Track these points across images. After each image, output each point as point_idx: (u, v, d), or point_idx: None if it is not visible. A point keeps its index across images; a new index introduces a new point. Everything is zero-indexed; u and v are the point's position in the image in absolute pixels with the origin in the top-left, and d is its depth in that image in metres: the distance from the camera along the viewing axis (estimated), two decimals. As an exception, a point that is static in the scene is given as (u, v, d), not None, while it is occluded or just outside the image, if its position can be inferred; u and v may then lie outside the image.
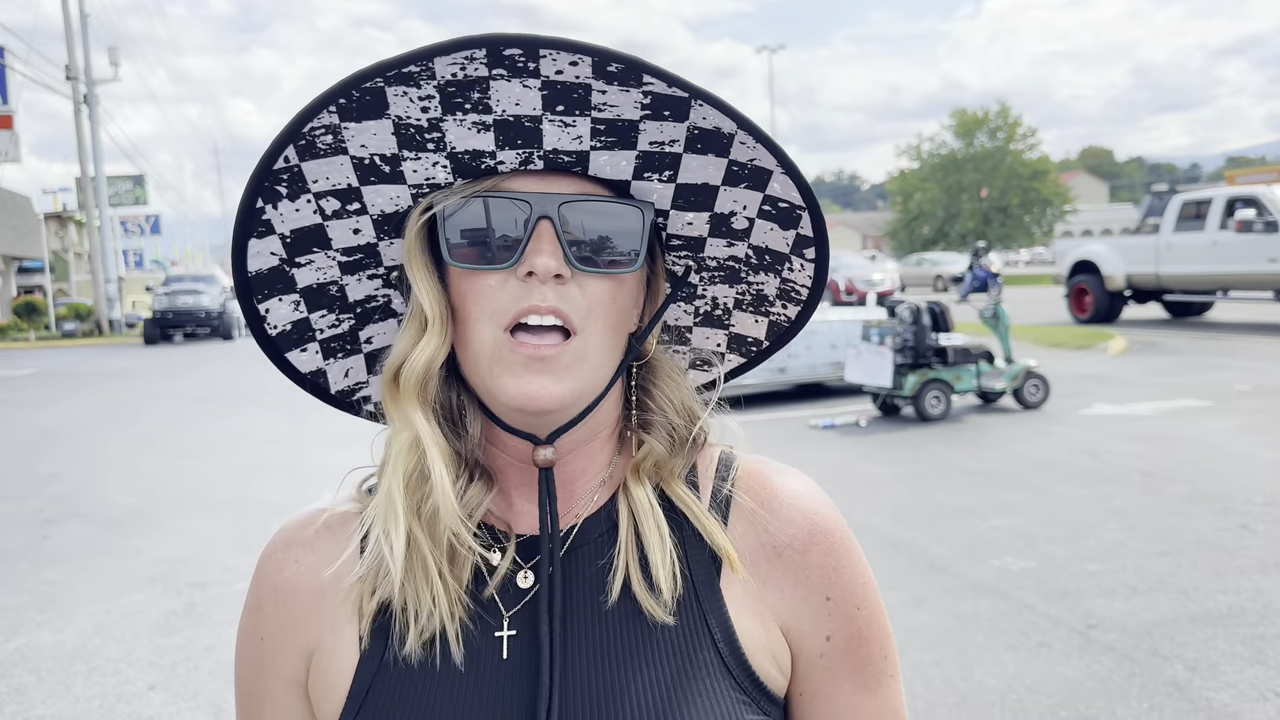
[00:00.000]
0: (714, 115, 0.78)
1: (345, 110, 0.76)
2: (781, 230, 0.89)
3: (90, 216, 35.14)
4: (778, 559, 0.88)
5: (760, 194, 0.86)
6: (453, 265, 0.82)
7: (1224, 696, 3.84)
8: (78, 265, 48.03)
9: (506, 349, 0.80)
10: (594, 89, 0.75)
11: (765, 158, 0.81)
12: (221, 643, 4.80)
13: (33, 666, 4.64)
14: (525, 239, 0.79)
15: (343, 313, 0.91)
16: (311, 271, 0.87)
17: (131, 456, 10.26)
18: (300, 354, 0.92)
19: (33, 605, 5.52)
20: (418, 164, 0.80)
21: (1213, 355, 14.36)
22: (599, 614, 0.85)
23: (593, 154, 0.80)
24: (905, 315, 10.45)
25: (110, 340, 31.93)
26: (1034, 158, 56.70)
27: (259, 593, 0.92)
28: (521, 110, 0.77)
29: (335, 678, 0.86)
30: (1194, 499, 6.68)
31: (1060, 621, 4.65)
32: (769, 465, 0.94)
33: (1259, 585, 5.00)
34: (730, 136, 0.80)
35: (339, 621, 0.87)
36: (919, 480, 7.70)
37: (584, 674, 0.82)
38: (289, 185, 0.81)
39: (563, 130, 0.78)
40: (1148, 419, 9.80)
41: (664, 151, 0.81)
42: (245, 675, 0.93)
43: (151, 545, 6.66)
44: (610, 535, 0.87)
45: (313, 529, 0.92)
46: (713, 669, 0.83)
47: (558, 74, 0.74)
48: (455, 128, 0.78)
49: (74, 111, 34.46)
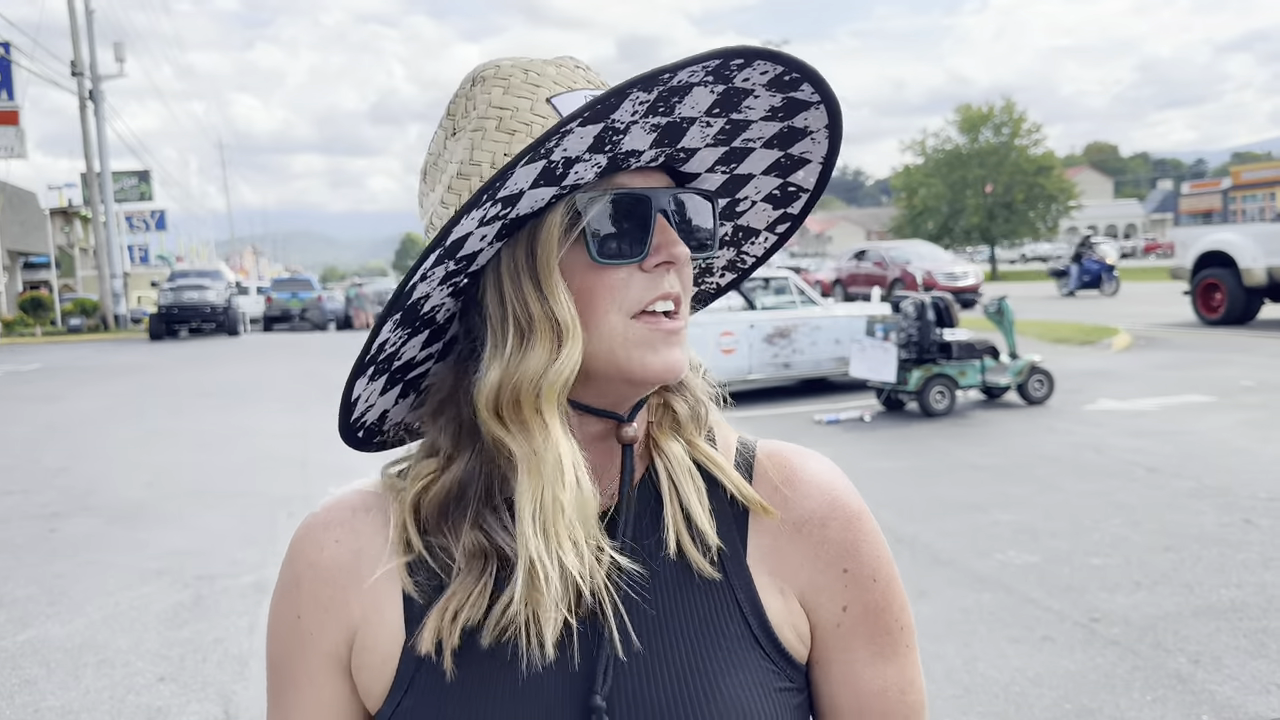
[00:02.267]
0: (815, 117, 0.85)
1: (597, 113, 0.75)
2: (772, 210, 0.96)
3: (96, 212, 35.19)
4: (797, 533, 0.91)
5: (781, 180, 0.93)
6: (599, 263, 0.82)
7: (1227, 690, 3.85)
8: (83, 261, 48.13)
9: (644, 329, 0.84)
10: (754, 94, 0.81)
11: (818, 149, 0.89)
12: (229, 635, 4.83)
13: (42, 658, 4.68)
14: (651, 232, 0.84)
15: (405, 326, 0.86)
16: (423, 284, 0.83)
17: (138, 450, 10.30)
18: (365, 380, 0.89)
19: (42, 598, 5.55)
20: (584, 165, 0.80)
21: (1217, 351, 14.35)
22: (641, 587, 0.86)
23: (699, 151, 0.87)
24: (910, 310, 10.45)
25: (116, 335, 32.00)
26: (1039, 153, 56.50)
27: (295, 570, 0.92)
28: (693, 112, 0.81)
29: (382, 656, 0.87)
30: (1198, 494, 6.69)
31: (1064, 615, 4.66)
32: (788, 446, 0.97)
33: (1262, 579, 5.01)
34: (811, 134, 0.87)
35: (381, 602, 0.88)
36: (923, 475, 7.72)
37: (628, 647, 0.84)
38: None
39: (701, 129, 0.84)
40: (1152, 414, 9.80)
41: (746, 147, 0.88)
42: (280, 654, 0.93)
43: (158, 538, 6.70)
44: (654, 503, 0.90)
45: (350, 510, 0.93)
46: (743, 640, 0.87)
47: (744, 81, 0.79)
48: (637, 130, 0.80)
49: (79, 107, 34.49)
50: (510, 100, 0.84)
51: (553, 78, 0.86)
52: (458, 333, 0.91)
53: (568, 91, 0.85)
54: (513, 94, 0.85)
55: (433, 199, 0.89)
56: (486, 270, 0.86)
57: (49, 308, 35.73)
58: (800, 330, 12.04)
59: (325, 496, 0.97)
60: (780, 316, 11.99)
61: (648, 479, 0.91)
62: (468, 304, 0.89)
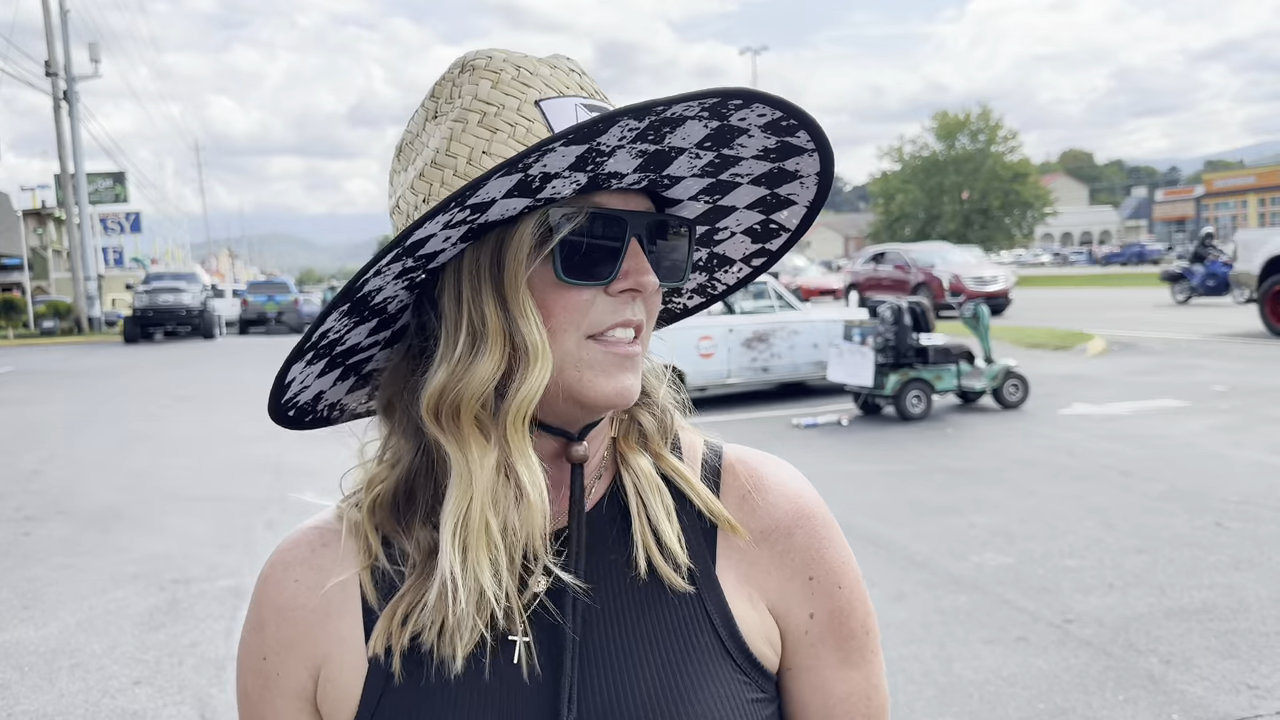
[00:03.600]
0: (807, 164, 0.85)
1: (581, 135, 0.73)
2: (751, 243, 0.95)
3: (70, 214, 34.90)
4: (764, 542, 0.91)
5: (764, 216, 0.92)
6: (564, 281, 0.81)
7: (1198, 689, 3.90)
8: (57, 263, 47.65)
9: (597, 351, 0.83)
10: (749, 133, 0.81)
11: (805, 194, 0.89)
12: (205, 639, 4.81)
13: (16, 662, 4.64)
14: (621, 256, 0.82)
15: (353, 316, 0.85)
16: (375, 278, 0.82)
17: (112, 454, 10.22)
18: (303, 364, 0.88)
19: (15, 601, 5.51)
20: (562, 181, 0.78)
21: (1190, 356, 14.51)
22: (611, 601, 0.87)
23: (684, 180, 0.86)
24: (887, 315, 10.52)
25: (90, 338, 31.73)
26: (1015, 160, 57.04)
27: (260, 614, 0.93)
28: (683, 144, 0.80)
29: (346, 687, 0.88)
30: (1170, 497, 6.77)
31: (1038, 616, 4.71)
32: (753, 453, 0.98)
33: (1232, 581, 5.08)
34: (800, 178, 0.87)
35: (344, 633, 0.89)
36: (900, 478, 7.76)
37: (596, 663, 0.84)
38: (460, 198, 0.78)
39: (690, 160, 0.83)
40: (1126, 419, 9.90)
41: (733, 181, 0.87)
42: (249, 692, 0.94)
43: (133, 542, 6.66)
44: (620, 520, 0.90)
45: (309, 547, 0.93)
46: (713, 652, 0.87)
47: (740, 120, 0.78)
48: (623, 154, 0.78)
49: (54, 108, 34.22)
50: (497, 96, 0.81)
51: (545, 79, 0.83)
52: (409, 323, 0.89)
53: (558, 96, 0.82)
54: (501, 89, 0.81)
55: (402, 180, 0.87)
56: (446, 268, 0.83)
57: (22, 310, 35.38)
58: (778, 334, 12.09)
59: (288, 533, 0.97)
60: (759, 321, 12.04)
61: (615, 494, 0.91)
62: (422, 297, 0.86)
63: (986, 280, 24.82)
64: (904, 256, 26.70)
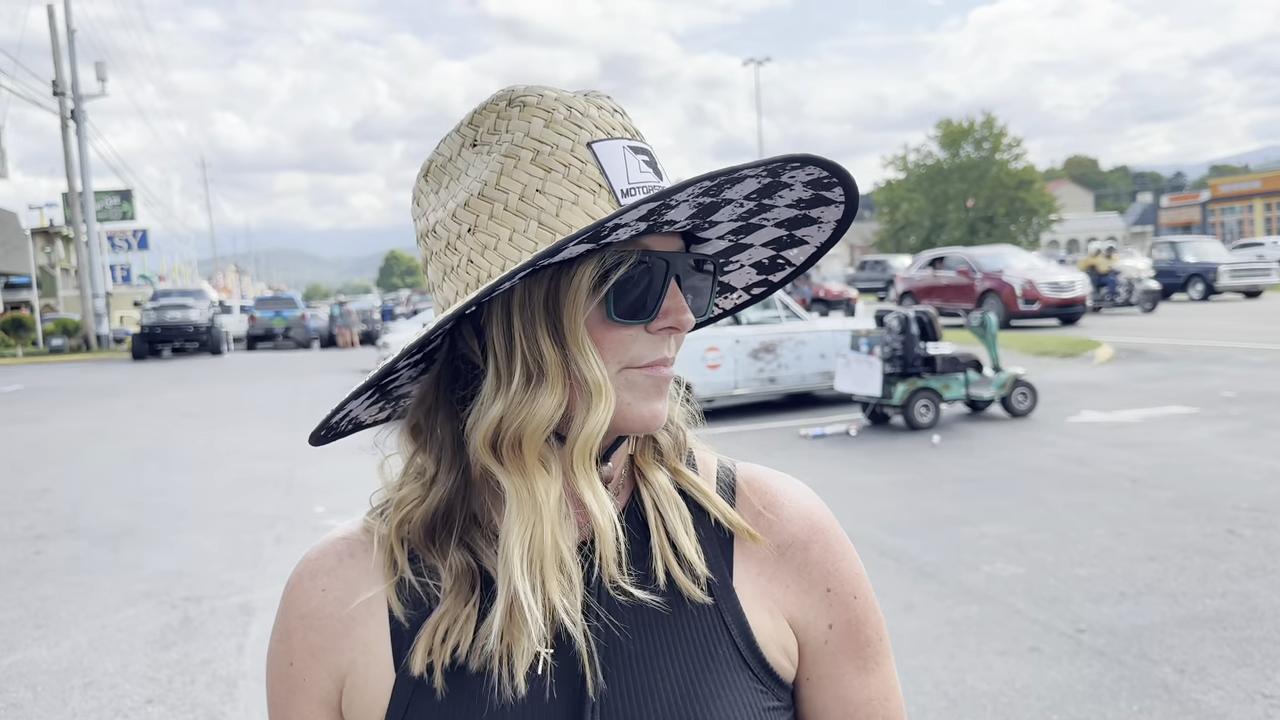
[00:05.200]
0: (830, 213, 0.89)
1: (659, 198, 0.76)
2: (756, 275, 0.99)
3: (77, 232, 35.05)
4: (781, 557, 0.94)
5: (773, 252, 0.96)
6: (614, 320, 0.84)
7: (1212, 699, 3.89)
8: (65, 281, 47.84)
9: (639, 375, 0.87)
10: (791, 187, 0.84)
11: (820, 236, 0.93)
12: (217, 656, 4.81)
13: (29, 682, 4.64)
14: (663, 296, 0.85)
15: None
16: None
17: (122, 471, 10.24)
18: (362, 403, 0.94)
19: (27, 621, 5.52)
20: (625, 229, 0.80)
21: (1199, 362, 14.47)
22: (630, 614, 0.89)
23: (720, 224, 0.90)
24: (894, 324, 10.52)
25: (98, 356, 31.82)
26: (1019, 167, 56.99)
27: (287, 622, 0.95)
28: (735, 195, 0.83)
29: (372, 697, 0.90)
30: (1181, 504, 6.75)
31: (1050, 626, 4.69)
32: (765, 470, 1.01)
33: (1245, 589, 5.06)
34: (820, 223, 0.91)
35: (371, 643, 0.91)
36: (909, 488, 7.75)
37: (617, 676, 0.86)
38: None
39: (735, 208, 0.86)
40: (1135, 426, 9.88)
41: (759, 224, 0.91)
42: (276, 697, 0.96)
43: (145, 560, 6.67)
44: (639, 533, 0.91)
45: (336, 558, 0.95)
46: (731, 662, 0.89)
47: (790, 176, 0.82)
48: (684, 206, 0.80)
49: (61, 126, 34.39)
50: (550, 135, 0.83)
51: (594, 120, 0.85)
52: (442, 346, 0.90)
53: (607, 139, 0.84)
54: (554, 129, 0.83)
55: (435, 202, 0.88)
56: (495, 299, 0.84)
57: (30, 328, 35.48)
58: (785, 345, 12.09)
59: (316, 542, 0.99)
60: (765, 331, 12.04)
61: (634, 509, 0.93)
62: (461, 324, 0.87)
63: (1063, 286, 22.26)
64: (968, 260, 24.33)
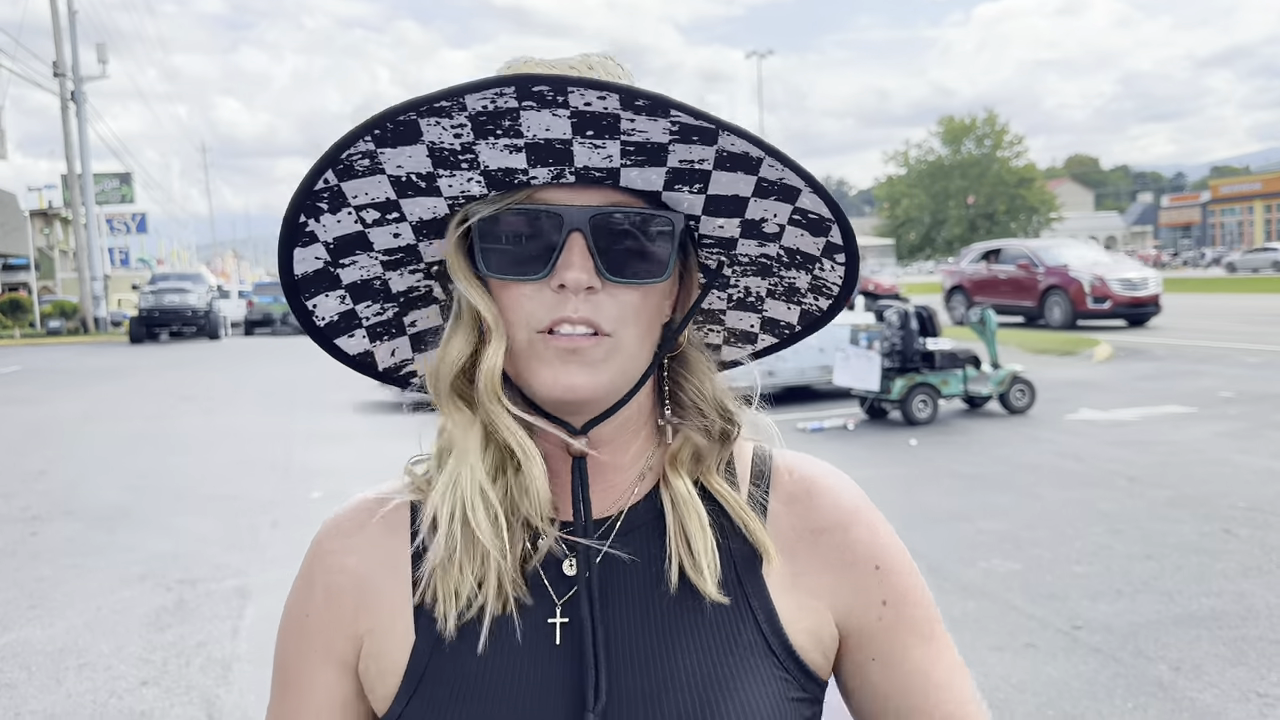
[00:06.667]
0: (741, 142, 0.80)
1: (381, 139, 0.79)
2: (812, 237, 0.91)
3: (76, 214, 34.98)
4: (819, 541, 0.92)
5: (790, 205, 0.88)
6: (487, 275, 0.85)
7: (1207, 697, 3.89)
8: (63, 263, 47.79)
9: (541, 344, 0.83)
10: (623, 117, 0.78)
11: (793, 178, 0.84)
12: (212, 639, 4.81)
13: (23, 662, 4.64)
14: (557, 251, 0.82)
15: (387, 302, 0.95)
16: (355, 270, 0.91)
17: (119, 453, 10.23)
18: (349, 339, 0.96)
19: (22, 601, 5.51)
20: (452, 180, 0.83)
21: (1196, 362, 14.48)
22: (646, 598, 0.88)
23: (623, 170, 0.83)
24: (893, 319, 10.51)
25: (96, 338, 31.79)
26: (1020, 165, 57.03)
27: (311, 576, 0.95)
28: (552, 135, 0.79)
29: (391, 660, 0.89)
30: (1178, 503, 6.75)
31: (1046, 623, 4.70)
32: (804, 457, 1.00)
33: (1241, 588, 5.06)
34: (759, 159, 0.82)
35: (395, 606, 0.90)
36: (906, 483, 7.75)
37: (632, 656, 0.86)
38: (329, 202, 0.85)
39: (593, 150, 0.80)
40: (1133, 424, 9.88)
41: (693, 169, 0.84)
42: (287, 650, 0.95)
43: (140, 542, 6.66)
44: (655, 524, 0.91)
45: (367, 517, 0.94)
46: (756, 649, 0.87)
47: (586, 105, 0.76)
48: (488, 150, 0.80)
49: (61, 108, 34.29)
50: None
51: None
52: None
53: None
54: None
55: None
56: None
57: (28, 310, 35.45)
58: (784, 338, 12.06)
59: (345, 501, 0.98)
60: (764, 324, 12.00)
61: (648, 503, 0.92)
62: None
63: (1135, 283, 20.48)
64: (1029, 254, 22.46)
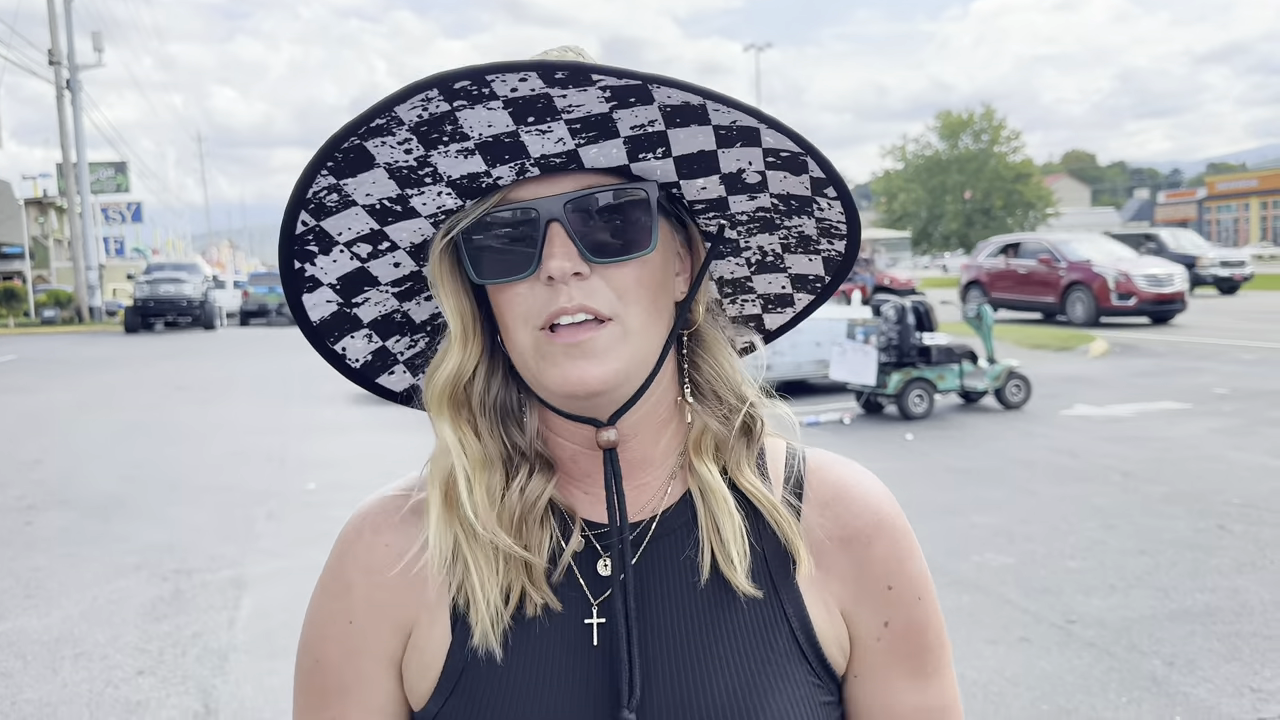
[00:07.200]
0: (676, 93, 0.78)
1: (337, 170, 0.81)
2: (794, 176, 0.88)
3: (71, 203, 34.86)
4: (844, 549, 0.92)
5: (758, 148, 0.85)
6: (479, 282, 0.86)
7: (1201, 691, 3.91)
8: (58, 252, 47.62)
9: (547, 343, 0.83)
10: (553, 95, 0.77)
11: (745, 118, 0.81)
12: (208, 630, 4.81)
13: (19, 651, 4.64)
14: (540, 244, 0.82)
15: (415, 334, 0.96)
16: (372, 307, 0.92)
17: (114, 443, 10.22)
18: (389, 377, 0.98)
19: (18, 590, 5.51)
20: (423, 197, 0.84)
21: (1192, 358, 14.51)
22: (684, 597, 0.88)
23: (580, 150, 0.82)
24: (890, 314, 10.52)
25: (91, 328, 31.71)
26: (1018, 160, 56.96)
27: (348, 576, 0.93)
28: (495, 130, 0.79)
29: (431, 657, 0.89)
30: (1172, 499, 6.77)
31: (1040, 617, 4.71)
32: (837, 459, 0.98)
33: (1235, 584, 5.08)
34: (702, 107, 0.80)
35: (434, 602, 0.90)
36: (901, 477, 7.76)
37: (669, 658, 0.86)
38: (318, 243, 0.86)
39: (542, 137, 0.80)
40: (1127, 420, 9.90)
41: (647, 132, 0.82)
42: (327, 658, 0.93)
43: (136, 532, 6.66)
44: (692, 522, 0.91)
45: (398, 513, 0.94)
46: (790, 654, 0.88)
47: (513, 91, 0.76)
48: (442, 159, 0.81)
49: (56, 96, 34.18)
50: None
51: None
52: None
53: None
54: None
55: None
56: None
57: (22, 299, 35.35)
58: (781, 332, 12.05)
59: (369, 497, 0.98)
60: (761, 318, 12.00)
61: (683, 503, 0.92)
62: None
63: (1161, 280, 19.88)
64: (1051, 248, 21.93)
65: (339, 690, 0.93)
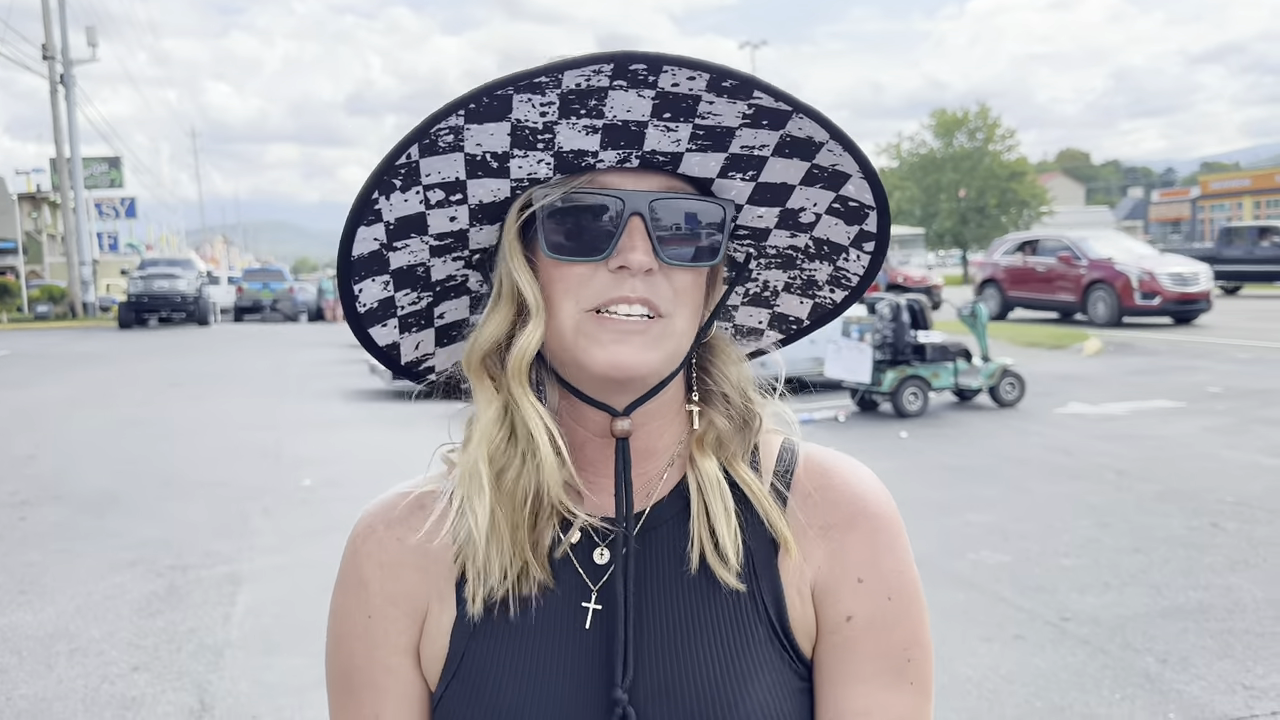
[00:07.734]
0: (810, 126, 0.83)
1: (473, 114, 0.80)
2: (846, 225, 0.93)
3: (65, 198, 34.77)
4: (823, 537, 0.92)
5: (833, 193, 0.90)
6: (549, 256, 0.86)
7: (1194, 689, 3.92)
8: (51, 247, 47.46)
9: (593, 324, 0.85)
10: (704, 99, 0.80)
11: (848, 164, 0.86)
12: (204, 626, 4.81)
13: (14, 647, 4.63)
14: (618, 234, 0.84)
15: (423, 291, 0.96)
16: (405, 255, 0.92)
17: (108, 439, 10.20)
18: (381, 329, 0.97)
19: (12, 586, 5.50)
20: (524, 160, 0.84)
21: (1186, 357, 14.54)
22: (672, 587, 0.90)
23: (686, 155, 0.85)
24: (885, 312, 10.53)
25: (84, 323, 31.64)
26: (1012, 159, 56.99)
27: (362, 573, 0.96)
28: (631, 116, 0.81)
29: (439, 642, 0.92)
30: (1166, 497, 6.79)
31: (1035, 614, 4.73)
32: (830, 453, 1.00)
33: (1228, 582, 5.10)
34: (820, 144, 0.85)
35: (442, 589, 0.93)
36: (895, 475, 7.76)
37: (657, 643, 0.88)
38: (404, 179, 0.85)
39: (664, 134, 0.83)
40: (1121, 418, 9.93)
41: (752, 154, 0.86)
42: (353, 654, 0.96)
43: (130, 528, 6.65)
44: (683, 513, 0.92)
45: (404, 507, 0.97)
46: (770, 641, 0.89)
47: (674, 86, 0.78)
48: (567, 130, 0.82)
49: (50, 91, 34.07)
50: None
51: None
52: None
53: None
54: None
55: None
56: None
57: (16, 294, 35.25)
58: (776, 330, 12.05)
59: (376, 498, 1.00)
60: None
61: (676, 493, 0.94)
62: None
63: (1186, 279, 19.32)
64: (1071, 245, 21.18)
65: (370, 686, 0.95)
